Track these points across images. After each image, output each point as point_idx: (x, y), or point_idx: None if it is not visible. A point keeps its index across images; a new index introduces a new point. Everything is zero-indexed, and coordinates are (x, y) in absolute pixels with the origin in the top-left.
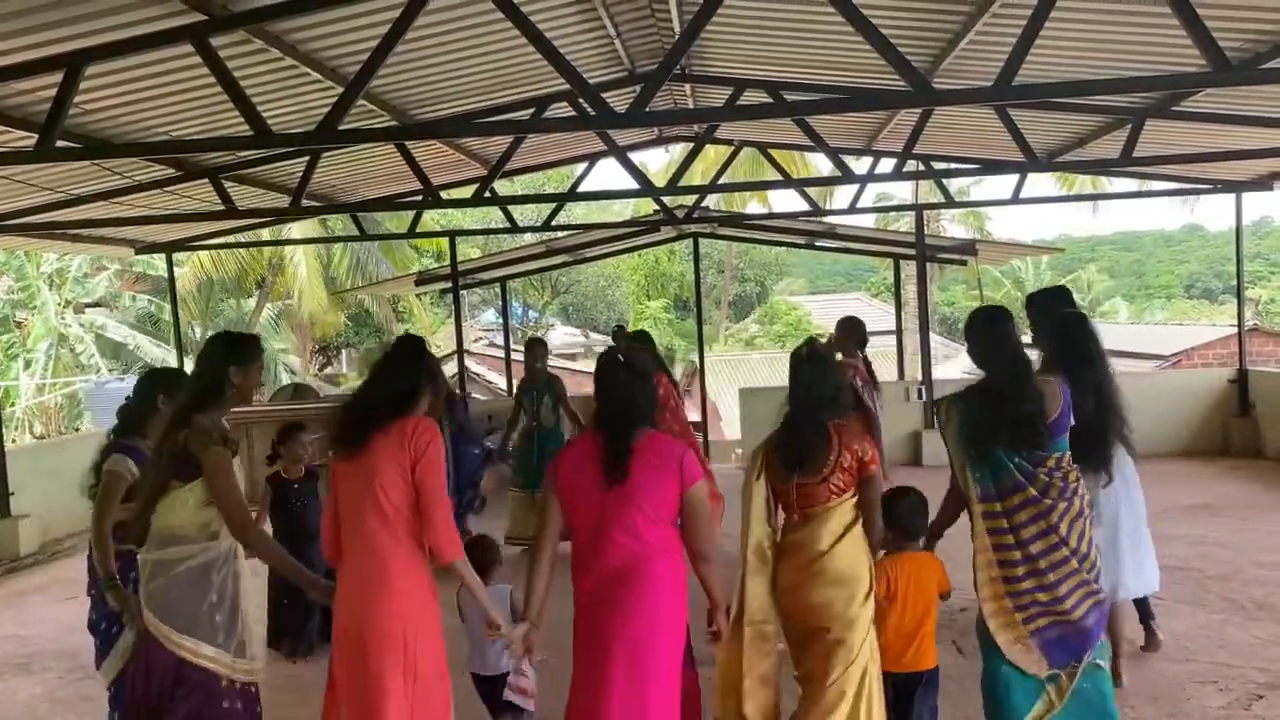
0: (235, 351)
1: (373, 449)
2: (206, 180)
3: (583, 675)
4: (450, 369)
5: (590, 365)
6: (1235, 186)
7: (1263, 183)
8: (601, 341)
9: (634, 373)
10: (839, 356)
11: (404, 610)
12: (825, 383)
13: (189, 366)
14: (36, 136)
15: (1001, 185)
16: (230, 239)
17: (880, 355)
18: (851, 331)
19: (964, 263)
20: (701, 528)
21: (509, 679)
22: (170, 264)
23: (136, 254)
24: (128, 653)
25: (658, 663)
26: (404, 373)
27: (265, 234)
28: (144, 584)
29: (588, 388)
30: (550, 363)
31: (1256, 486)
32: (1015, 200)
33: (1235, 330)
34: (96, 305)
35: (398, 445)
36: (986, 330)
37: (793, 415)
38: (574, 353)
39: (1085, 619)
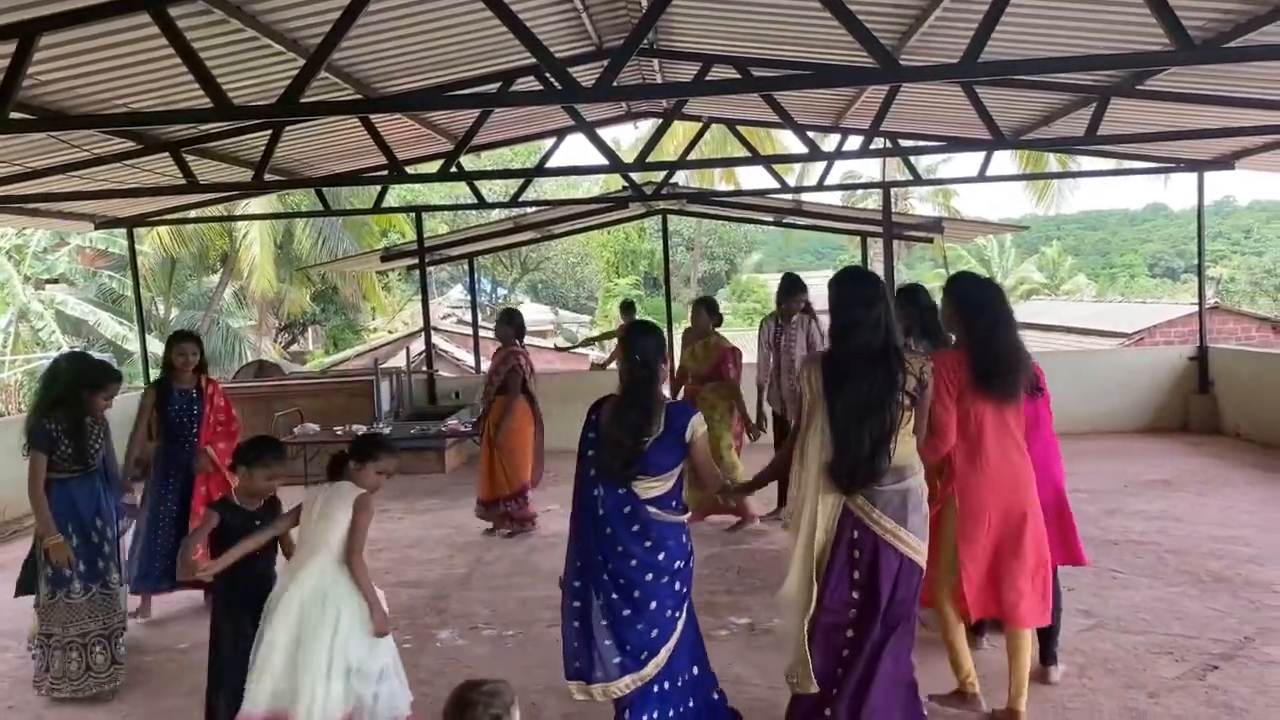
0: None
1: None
2: (167, 154)
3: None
4: (418, 346)
5: (560, 342)
6: (1198, 166)
7: (1224, 162)
8: (572, 319)
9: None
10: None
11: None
12: None
13: (152, 345)
14: None
15: (969, 165)
16: (192, 214)
17: None
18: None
19: (930, 240)
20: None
21: None
22: (131, 239)
23: (96, 229)
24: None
25: None
26: None
27: (225, 209)
28: None
29: (556, 364)
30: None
31: (1215, 462)
32: (981, 178)
33: (1196, 309)
34: (56, 281)
35: None
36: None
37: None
38: (544, 330)
39: None
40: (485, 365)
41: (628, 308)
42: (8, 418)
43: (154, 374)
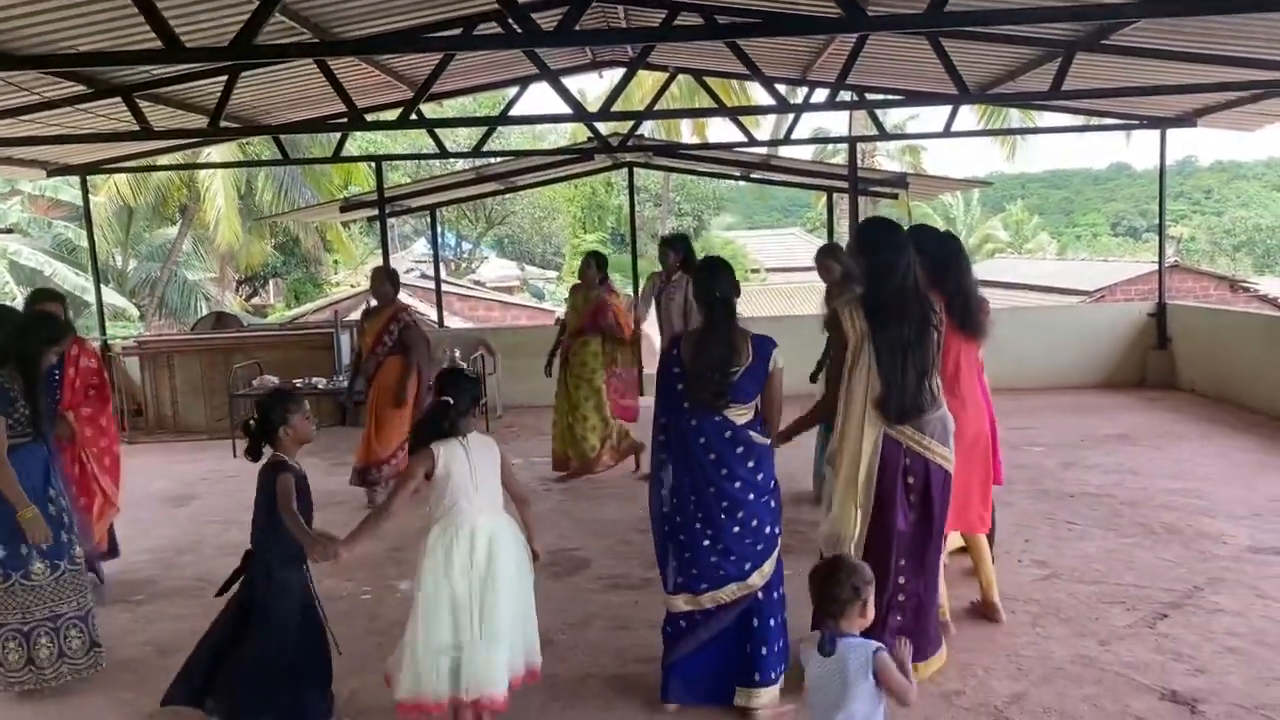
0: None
1: None
2: (120, 99)
3: None
4: None
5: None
6: (1160, 123)
7: (1187, 119)
8: (538, 274)
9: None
10: None
11: None
12: None
13: (109, 296)
14: None
15: (936, 123)
16: (147, 161)
17: (815, 289)
18: None
19: (895, 196)
20: None
21: None
22: (85, 187)
23: (48, 176)
24: None
25: None
26: None
27: (182, 158)
28: None
29: (524, 320)
30: (485, 296)
31: (1171, 417)
32: (946, 133)
33: (1156, 267)
34: (10, 231)
35: None
36: None
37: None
38: (510, 286)
39: None
40: (450, 320)
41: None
42: None
43: (110, 327)
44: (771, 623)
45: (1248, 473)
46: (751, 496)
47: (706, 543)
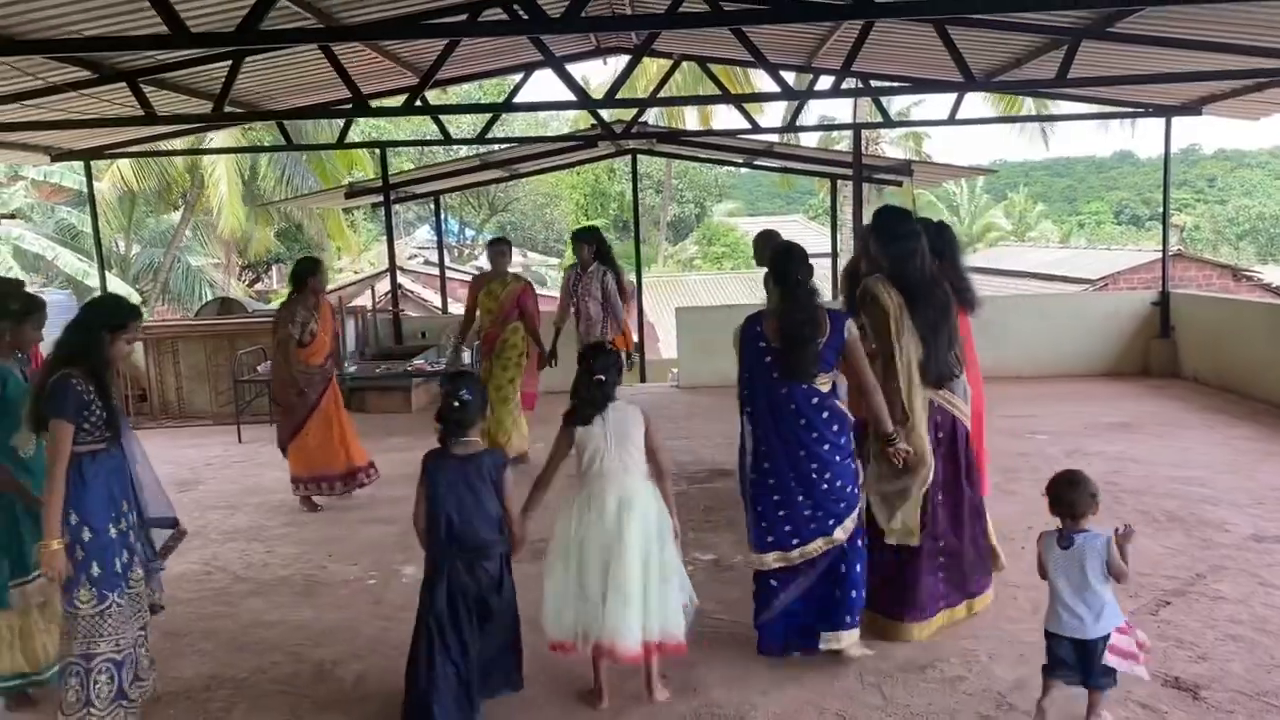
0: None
1: None
2: (124, 84)
3: None
4: (384, 286)
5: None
6: (1165, 111)
7: (1192, 107)
8: (540, 260)
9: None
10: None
11: None
12: None
13: (113, 282)
14: None
15: (941, 109)
16: (150, 146)
17: (818, 278)
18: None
19: (899, 183)
20: None
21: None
22: (89, 173)
23: (52, 161)
24: None
25: None
26: None
27: (186, 143)
28: None
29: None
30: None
31: (1174, 405)
32: (952, 121)
33: (1160, 256)
34: (13, 216)
35: None
36: None
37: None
38: (513, 272)
39: None
40: (453, 306)
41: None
42: None
43: None
44: (857, 568)
45: (1250, 462)
46: (838, 458)
47: (801, 499)
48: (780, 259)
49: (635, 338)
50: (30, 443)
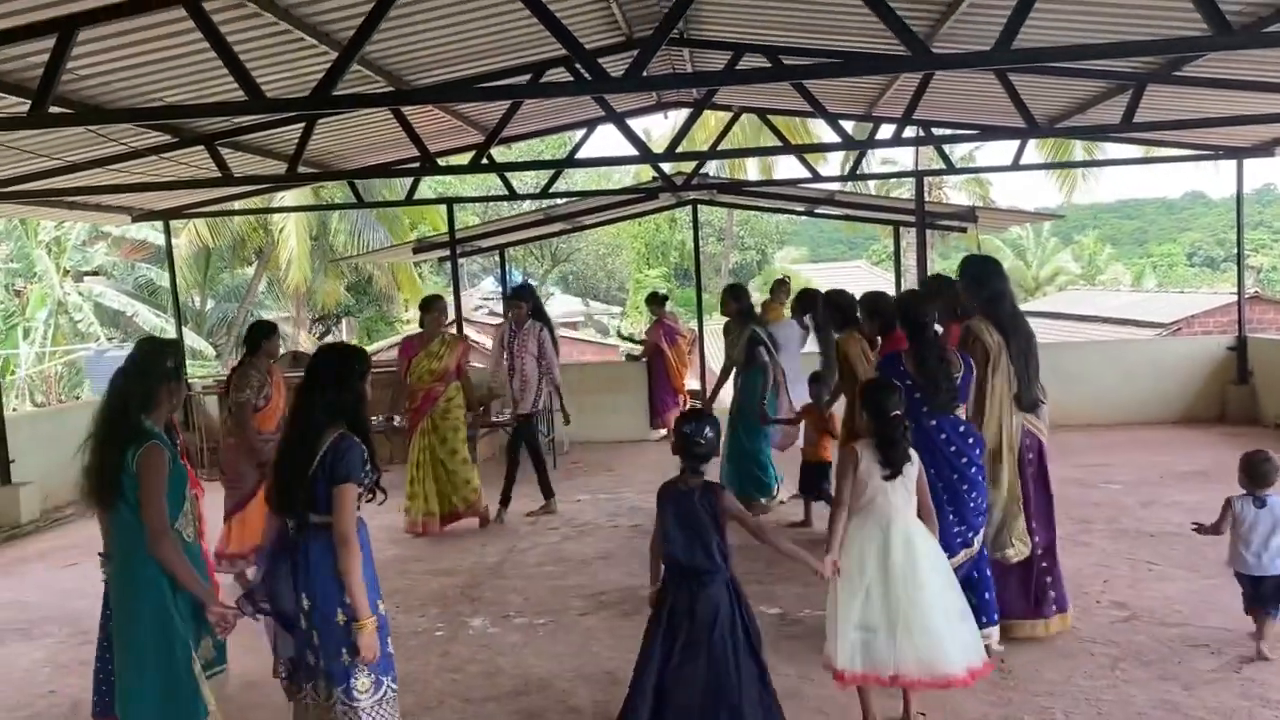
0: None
1: None
2: (202, 147)
3: None
4: None
5: (591, 335)
6: (1237, 153)
7: (1264, 149)
8: (602, 310)
9: None
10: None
11: None
12: None
13: (187, 336)
14: (29, 102)
15: (1004, 153)
16: (226, 206)
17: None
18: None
19: (964, 229)
20: None
21: None
22: (168, 231)
23: (133, 221)
24: None
25: None
26: None
27: (259, 202)
28: None
29: (589, 355)
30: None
31: None
32: (1015, 167)
33: (1235, 298)
34: (95, 274)
35: None
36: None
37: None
38: (574, 321)
39: None
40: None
41: (660, 299)
42: (51, 406)
43: (189, 366)
44: (988, 572)
45: None
46: (981, 478)
47: (951, 517)
48: (910, 302)
49: (696, 384)
50: (190, 527)
